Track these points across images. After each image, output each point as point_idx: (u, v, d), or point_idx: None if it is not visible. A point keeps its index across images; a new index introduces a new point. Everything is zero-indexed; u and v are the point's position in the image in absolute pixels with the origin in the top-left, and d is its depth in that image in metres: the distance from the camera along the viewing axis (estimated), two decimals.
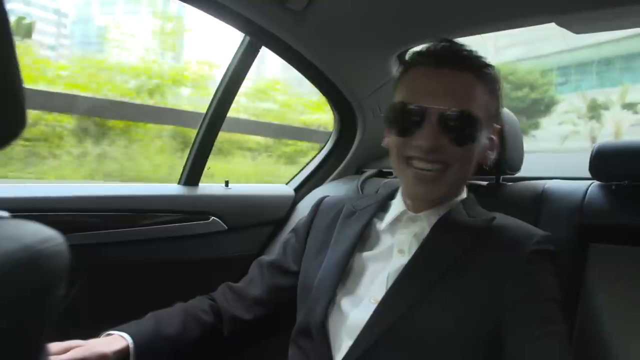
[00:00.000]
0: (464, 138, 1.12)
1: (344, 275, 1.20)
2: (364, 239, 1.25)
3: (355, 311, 1.12)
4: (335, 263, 1.22)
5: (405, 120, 1.13)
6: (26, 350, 0.61)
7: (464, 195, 1.26)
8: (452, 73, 1.14)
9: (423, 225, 1.20)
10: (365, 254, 1.22)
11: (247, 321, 1.33)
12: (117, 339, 1.16)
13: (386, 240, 1.22)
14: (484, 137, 1.18)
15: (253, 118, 5.05)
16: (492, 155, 1.24)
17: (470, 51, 1.19)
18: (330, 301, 1.17)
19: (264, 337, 1.41)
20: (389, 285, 1.12)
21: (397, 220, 1.24)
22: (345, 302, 1.16)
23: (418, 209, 1.22)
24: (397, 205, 1.25)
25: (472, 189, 1.29)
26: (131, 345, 1.15)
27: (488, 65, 1.20)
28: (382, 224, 1.25)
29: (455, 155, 1.13)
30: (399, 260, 1.16)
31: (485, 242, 1.13)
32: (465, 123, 1.11)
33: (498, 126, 1.24)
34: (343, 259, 1.21)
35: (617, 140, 1.41)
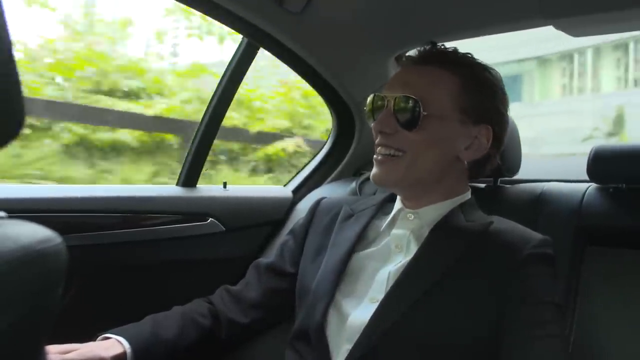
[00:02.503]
0: (409, 121, 1.16)
1: (342, 276, 1.20)
2: (362, 240, 1.25)
3: (355, 312, 1.12)
4: (333, 265, 1.22)
5: (371, 109, 1.23)
6: (24, 351, 0.61)
7: (467, 197, 1.26)
8: (416, 67, 1.23)
9: (420, 222, 1.21)
10: (363, 252, 1.22)
11: (244, 324, 1.33)
12: (114, 344, 1.16)
13: (384, 239, 1.23)
14: (452, 130, 1.19)
15: None
16: (475, 156, 1.22)
17: (457, 52, 1.24)
18: (329, 303, 1.17)
19: (261, 341, 1.40)
20: (389, 284, 1.12)
21: (394, 219, 1.24)
22: (344, 304, 1.16)
23: (414, 205, 1.23)
24: (396, 205, 1.26)
25: (470, 191, 1.29)
26: (128, 351, 1.15)
27: (476, 66, 1.23)
28: (382, 225, 1.26)
29: (407, 141, 1.17)
30: (398, 258, 1.17)
31: (482, 246, 1.13)
32: (409, 106, 1.15)
33: (488, 126, 1.21)
34: (341, 260, 1.21)
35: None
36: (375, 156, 1.21)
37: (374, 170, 1.20)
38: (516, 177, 1.56)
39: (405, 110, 1.16)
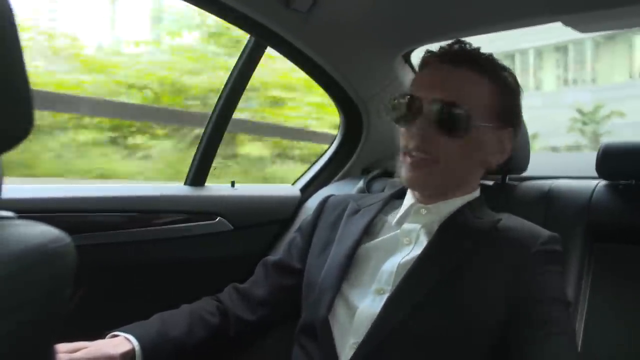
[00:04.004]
0: (452, 129, 1.13)
1: (348, 268, 1.20)
2: (369, 232, 1.25)
3: (363, 305, 1.12)
4: (339, 258, 1.22)
5: (401, 110, 1.18)
6: (35, 350, 0.61)
7: (476, 194, 1.25)
8: (452, 68, 1.17)
9: (432, 217, 1.20)
10: (369, 244, 1.22)
11: (252, 322, 1.33)
12: (123, 342, 1.16)
13: (392, 231, 1.22)
14: (485, 136, 1.18)
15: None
16: (500, 159, 1.22)
17: (482, 53, 1.20)
18: (335, 296, 1.17)
19: (270, 338, 1.41)
20: (398, 277, 1.12)
21: (406, 214, 1.23)
22: (350, 296, 1.16)
23: (427, 201, 1.22)
24: (408, 200, 1.25)
25: (480, 189, 1.29)
26: (137, 348, 1.16)
27: (500, 68, 1.21)
28: (390, 219, 1.26)
29: (446, 148, 1.14)
30: (406, 250, 1.16)
31: (491, 243, 1.13)
32: (453, 114, 1.13)
33: (510, 128, 1.22)
34: (348, 253, 1.21)
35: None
36: (405, 158, 1.18)
37: (408, 173, 1.17)
38: (524, 174, 1.55)
39: (447, 116, 1.12)
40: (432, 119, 1.13)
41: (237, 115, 1.76)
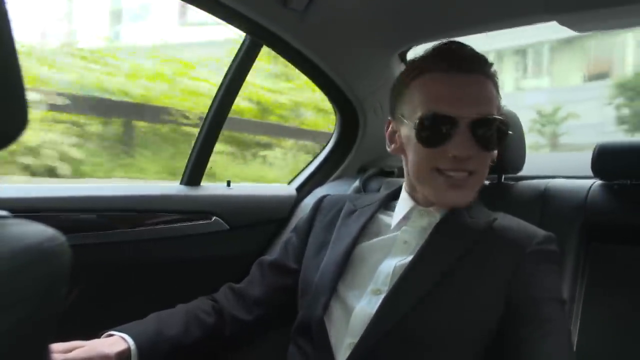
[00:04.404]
0: (494, 143, 1.14)
1: (344, 268, 1.19)
2: (365, 233, 1.25)
3: (360, 306, 1.12)
4: (335, 258, 1.21)
5: (435, 131, 1.12)
6: (30, 349, 0.61)
7: None
8: (470, 78, 1.14)
9: (431, 220, 1.20)
10: (366, 244, 1.22)
11: (248, 322, 1.33)
12: (118, 341, 1.16)
13: (390, 233, 1.22)
14: None
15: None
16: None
17: (477, 52, 1.19)
18: (331, 296, 1.16)
19: (266, 338, 1.40)
20: (395, 278, 1.12)
21: (406, 217, 1.23)
22: (347, 296, 1.15)
23: (427, 204, 1.21)
24: (405, 203, 1.24)
25: None
26: (132, 347, 1.15)
27: (491, 64, 1.20)
28: (387, 219, 1.25)
29: (483, 161, 1.15)
30: (405, 252, 1.16)
31: (487, 243, 1.13)
32: (493, 129, 1.12)
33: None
34: (344, 253, 1.21)
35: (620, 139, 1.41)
36: (434, 177, 1.15)
37: (448, 194, 1.15)
38: (520, 173, 1.56)
39: (489, 132, 1.12)
40: (472, 137, 1.11)
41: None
